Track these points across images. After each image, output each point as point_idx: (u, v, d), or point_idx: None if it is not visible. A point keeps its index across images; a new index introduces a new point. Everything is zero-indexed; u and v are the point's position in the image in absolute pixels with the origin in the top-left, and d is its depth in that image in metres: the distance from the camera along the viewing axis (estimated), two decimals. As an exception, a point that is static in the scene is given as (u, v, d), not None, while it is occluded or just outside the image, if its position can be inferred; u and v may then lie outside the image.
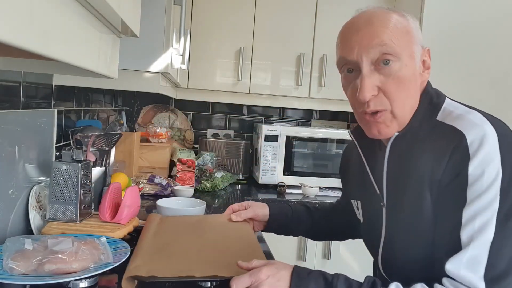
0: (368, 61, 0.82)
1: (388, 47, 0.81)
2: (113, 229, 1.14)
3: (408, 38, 0.84)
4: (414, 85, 0.86)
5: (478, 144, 0.76)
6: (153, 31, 1.43)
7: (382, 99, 0.84)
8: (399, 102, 0.84)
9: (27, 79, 1.20)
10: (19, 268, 0.85)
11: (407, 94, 0.85)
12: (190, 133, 2.76)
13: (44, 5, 0.43)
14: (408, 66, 0.83)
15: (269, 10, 2.40)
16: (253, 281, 0.81)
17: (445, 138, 0.81)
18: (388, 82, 0.82)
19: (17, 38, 0.37)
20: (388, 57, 0.81)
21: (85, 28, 0.60)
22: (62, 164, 1.17)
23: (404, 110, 0.86)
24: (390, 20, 0.83)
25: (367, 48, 0.82)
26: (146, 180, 1.92)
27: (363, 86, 0.82)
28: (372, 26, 0.83)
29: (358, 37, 0.83)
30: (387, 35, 0.81)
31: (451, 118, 0.83)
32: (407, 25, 0.85)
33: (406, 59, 0.83)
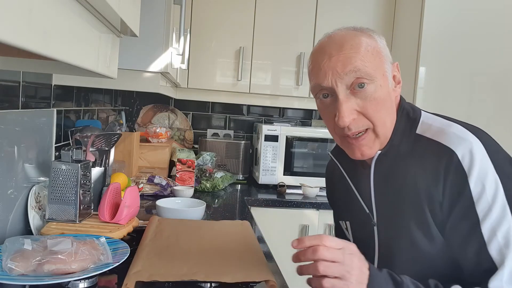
0: (343, 87, 0.83)
1: (362, 72, 0.82)
2: (112, 230, 1.13)
3: (379, 59, 0.86)
4: (390, 102, 0.87)
5: (469, 159, 0.78)
6: (153, 30, 1.42)
7: (362, 120, 0.85)
8: (380, 121, 0.85)
9: (27, 79, 1.19)
10: (19, 269, 0.85)
11: (386, 112, 0.86)
12: (190, 133, 2.76)
13: (44, 5, 0.43)
14: (383, 86, 0.85)
15: (269, 10, 2.40)
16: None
17: (433, 154, 0.82)
18: (366, 104, 0.84)
19: (17, 38, 0.37)
20: (363, 80, 0.82)
21: (85, 27, 0.60)
22: (62, 164, 1.16)
23: (386, 128, 0.87)
24: (360, 44, 0.84)
25: (341, 74, 0.83)
26: (145, 180, 1.92)
27: (341, 112, 0.83)
28: (343, 52, 0.84)
29: (331, 64, 0.84)
30: (359, 60, 0.83)
31: (433, 133, 0.85)
32: (376, 46, 0.86)
33: (380, 80, 0.84)
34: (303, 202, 2.16)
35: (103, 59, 0.72)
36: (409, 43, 2.24)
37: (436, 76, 2.17)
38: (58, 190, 1.16)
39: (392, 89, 0.88)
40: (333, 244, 0.76)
